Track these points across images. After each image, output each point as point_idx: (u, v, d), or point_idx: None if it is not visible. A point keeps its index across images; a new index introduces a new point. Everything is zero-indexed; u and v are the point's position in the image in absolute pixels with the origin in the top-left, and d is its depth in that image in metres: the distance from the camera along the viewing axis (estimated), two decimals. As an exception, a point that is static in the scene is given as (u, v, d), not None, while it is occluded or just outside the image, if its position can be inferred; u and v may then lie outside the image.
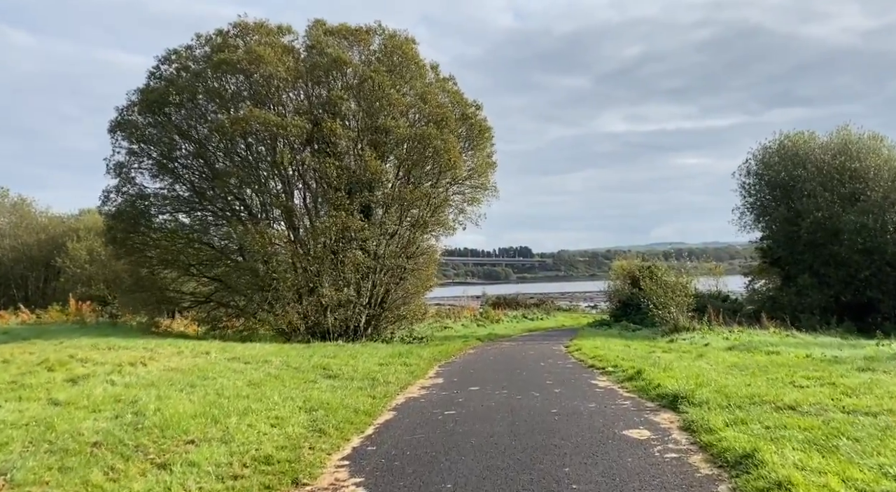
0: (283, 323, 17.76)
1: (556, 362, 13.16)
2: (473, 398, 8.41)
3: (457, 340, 23.83)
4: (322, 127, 18.28)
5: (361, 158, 18.74)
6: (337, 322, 19.10)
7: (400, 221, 21.36)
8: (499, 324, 39.35)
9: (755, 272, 34.94)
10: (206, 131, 18.56)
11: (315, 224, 18.14)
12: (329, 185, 18.38)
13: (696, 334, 20.32)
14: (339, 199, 18.28)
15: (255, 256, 17.47)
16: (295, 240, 18.91)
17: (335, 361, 11.95)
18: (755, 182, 31.22)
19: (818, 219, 26.42)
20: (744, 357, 12.52)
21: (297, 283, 18.14)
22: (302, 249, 18.41)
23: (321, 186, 18.83)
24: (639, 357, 12.62)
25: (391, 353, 14.74)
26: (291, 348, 15.15)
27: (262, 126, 17.87)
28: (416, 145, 20.41)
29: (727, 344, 16.63)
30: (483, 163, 23.40)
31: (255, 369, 10.07)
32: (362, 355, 13.56)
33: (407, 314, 21.69)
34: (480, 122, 22.31)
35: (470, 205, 24.53)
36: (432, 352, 16.22)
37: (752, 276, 36.19)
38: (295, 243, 19.04)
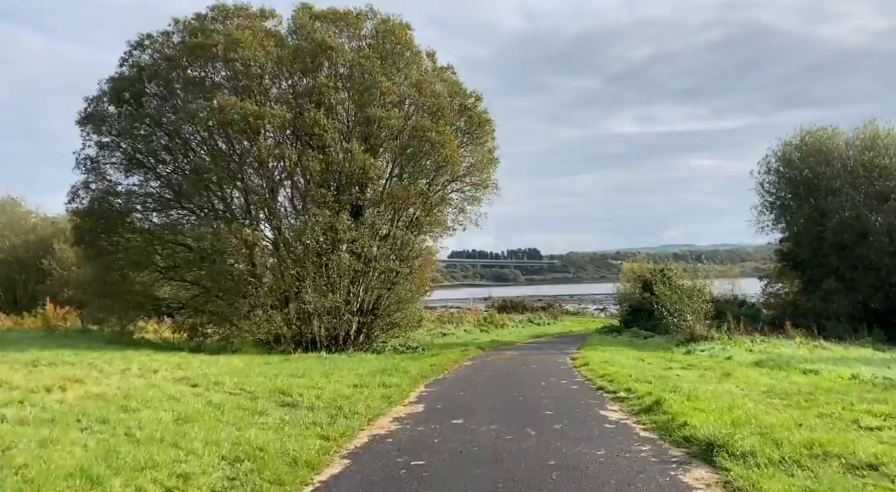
0: (261, 332, 16.16)
1: (560, 382, 11.46)
2: (453, 438, 6.75)
3: (455, 348, 22.16)
4: (306, 118, 16.69)
5: (349, 152, 17.13)
6: (324, 331, 17.50)
7: (393, 222, 19.75)
8: (503, 329, 37.64)
9: (773, 275, 33.01)
10: (181, 123, 16.98)
11: (296, 224, 16.53)
12: (313, 181, 16.77)
13: (715, 345, 18.55)
14: (323, 196, 16.68)
15: (229, 258, 15.87)
16: (277, 241, 17.32)
17: (302, 381, 10.31)
18: (775, 180, 29.36)
19: (845, 219, 24.55)
20: (778, 377, 10.78)
21: (277, 288, 16.55)
22: (285, 252, 16.83)
23: (305, 182, 17.22)
24: (655, 377, 10.91)
25: (374, 368, 13.09)
26: (263, 363, 13.55)
27: (241, 117, 16.29)
28: (409, 139, 18.80)
29: (753, 358, 14.87)
30: (483, 158, 21.73)
31: (198, 394, 8.46)
32: (339, 373, 11.92)
33: (400, 322, 20.05)
34: (480, 113, 20.65)
35: (470, 204, 22.92)
36: (422, 366, 14.56)
37: (768, 279, 34.30)
38: (277, 245, 17.45)
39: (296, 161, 16.78)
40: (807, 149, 27.38)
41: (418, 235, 20.64)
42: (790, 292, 31.28)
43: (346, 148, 17.36)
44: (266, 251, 16.32)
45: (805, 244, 26.67)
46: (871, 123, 26.83)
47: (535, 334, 34.15)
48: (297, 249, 16.43)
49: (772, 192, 29.80)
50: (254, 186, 17.81)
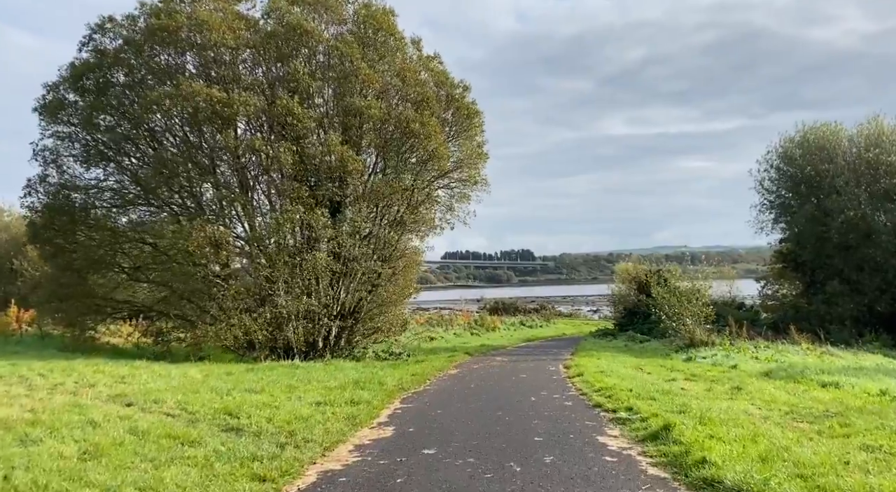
0: (228, 338, 14.87)
1: (552, 397, 10.24)
2: (420, 478, 5.52)
3: (442, 354, 20.92)
4: (278, 106, 15.42)
5: (326, 144, 15.87)
6: (298, 336, 16.22)
7: (376, 220, 18.49)
8: (494, 332, 36.42)
9: (772, 277, 31.96)
10: (144, 112, 15.65)
11: (267, 221, 15.25)
12: (286, 174, 15.50)
13: (717, 352, 17.41)
14: (297, 191, 15.40)
15: (193, 258, 14.56)
16: (247, 240, 16.03)
17: (258, 398, 9.06)
18: (776, 178, 28.30)
19: (850, 218, 23.48)
20: (795, 392, 9.60)
21: (246, 290, 15.26)
22: (256, 251, 15.54)
23: (277, 175, 15.94)
24: (658, 391, 9.71)
25: (347, 380, 11.84)
26: (224, 374, 12.27)
27: (208, 105, 15.00)
28: (392, 131, 17.56)
29: (760, 367, 13.71)
30: (472, 153, 20.52)
31: (125, 417, 7.18)
32: (305, 386, 10.67)
33: (382, 326, 18.78)
34: (468, 105, 19.43)
35: (458, 201, 21.70)
36: (402, 376, 13.33)
37: (765, 281, 33.28)
38: (249, 244, 16.16)
39: (268, 153, 15.48)
40: (809, 145, 26.33)
41: (403, 235, 19.39)
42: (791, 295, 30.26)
43: (322, 140, 16.10)
44: (234, 250, 15.00)
45: (807, 245, 25.60)
46: (876, 119, 25.81)
47: (527, 338, 32.93)
48: (268, 249, 15.13)
49: (772, 190, 28.75)
50: (225, 181, 16.51)
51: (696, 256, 69.63)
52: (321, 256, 15.54)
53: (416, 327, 34.14)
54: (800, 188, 26.29)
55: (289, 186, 15.39)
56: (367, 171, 18.30)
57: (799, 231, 26.63)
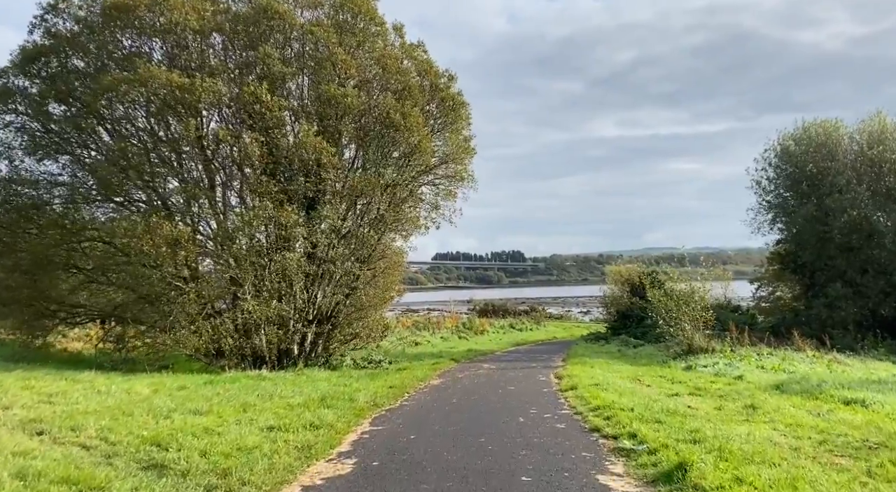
0: (188, 346, 13.57)
1: (542, 417, 9.03)
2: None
3: (426, 361, 19.71)
4: (245, 93, 14.13)
5: (298, 135, 14.60)
6: (266, 344, 14.94)
7: (354, 218, 17.25)
8: (483, 336, 35.21)
9: (769, 279, 30.99)
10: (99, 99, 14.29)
11: (234, 218, 13.95)
12: (253, 168, 14.22)
13: (718, 359, 16.29)
14: (265, 185, 14.12)
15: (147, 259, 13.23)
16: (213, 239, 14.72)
17: (202, 421, 7.79)
18: (774, 177, 27.31)
19: (852, 218, 22.49)
20: (819, 411, 8.45)
21: (209, 294, 13.96)
22: (221, 251, 14.24)
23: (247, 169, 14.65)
24: (663, 411, 8.53)
25: (313, 395, 10.60)
26: (177, 388, 10.99)
27: (168, 91, 13.69)
28: (371, 122, 16.33)
29: (769, 378, 12.58)
30: (458, 148, 19.31)
31: (23, 453, 5.89)
32: (262, 405, 9.41)
33: (361, 332, 17.52)
34: (454, 95, 18.22)
35: (444, 199, 20.50)
36: (378, 388, 12.09)
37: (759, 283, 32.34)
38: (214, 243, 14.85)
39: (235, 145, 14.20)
40: (810, 142, 25.34)
41: (384, 234, 18.13)
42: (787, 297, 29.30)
43: (295, 130, 14.83)
44: (195, 250, 13.66)
45: (807, 246, 24.60)
46: (878, 115, 24.85)
47: (517, 342, 31.76)
48: (232, 248, 13.83)
49: (769, 190, 27.77)
50: (190, 175, 15.19)
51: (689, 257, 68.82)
52: (292, 257, 14.27)
53: (402, 331, 32.89)
54: (800, 187, 25.29)
55: (257, 181, 14.10)
56: (345, 165, 17.07)
57: (798, 232, 25.63)
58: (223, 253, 13.85)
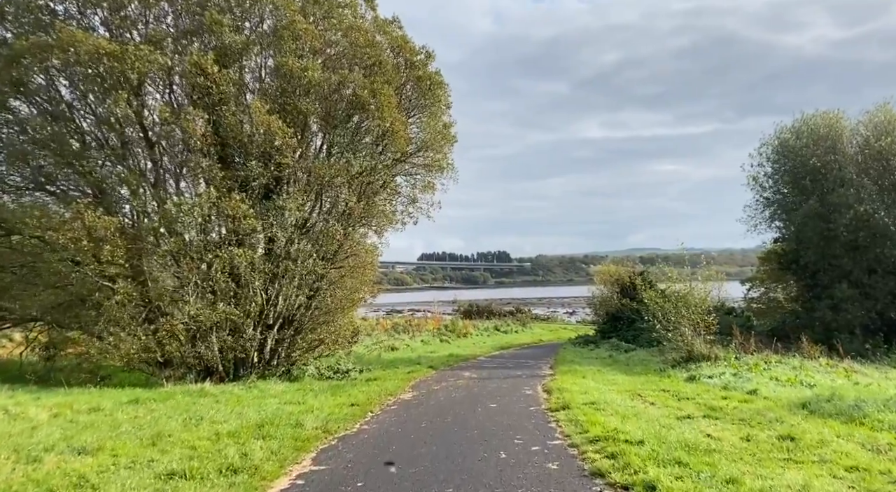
0: (114, 356, 11.61)
1: (529, 449, 7.23)
2: None
3: (401, 368, 17.89)
4: (187, 63, 12.19)
5: (250, 112, 12.69)
6: (213, 352, 13.01)
7: (320, 210, 15.38)
8: (466, 339, 33.41)
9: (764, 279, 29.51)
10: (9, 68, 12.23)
11: (170, 206, 11.98)
12: (193, 149, 12.28)
13: (724, 369, 14.62)
14: (207, 169, 12.19)
15: (67, 254, 11.24)
16: (147, 232, 12.73)
17: (80, 465, 5.91)
18: (772, 172, 25.82)
19: (859, 215, 21.01)
20: (876, 445, 6.74)
21: (139, 295, 11.99)
22: (156, 245, 12.28)
23: (185, 151, 12.70)
24: (680, 443, 6.79)
25: (251, 420, 8.73)
26: (90, 410, 9.05)
27: (91, 58, 11.71)
28: (336, 100, 14.46)
29: (790, 394, 10.88)
30: (437, 134, 17.49)
31: None
32: (181, 434, 7.53)
33: (326, 338, 15.62)
34: (431, 75, 16.39)
35: (422, 192, 18.66)
36: (335, 407, 10.26)
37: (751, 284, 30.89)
38: (153, 236, 12.87)
39: (172, 122, 12.24)
40: (812, 135, 23.86)
41: (354, 229, 16.25)
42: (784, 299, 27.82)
43: (246, 107, 12.91)
44: (123, 244, 11.66)
45: (810, 244, 23.07)
46: (884, 106, 23.40)
47: (501, 345, 30.00)
48: (169, 243, 11.88)
49: (767, 186, 26.29)
50: (132, 159, 13.18)
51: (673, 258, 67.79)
52: (240, 253, 12.34)
53: (380, 335, 31.00)
54: (801, 182, 23.80)
55: (196, 164, 12.17)
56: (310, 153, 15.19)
57: (799, 230, 24.11)
58: (156, 248, 11.88)
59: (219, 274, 12.29)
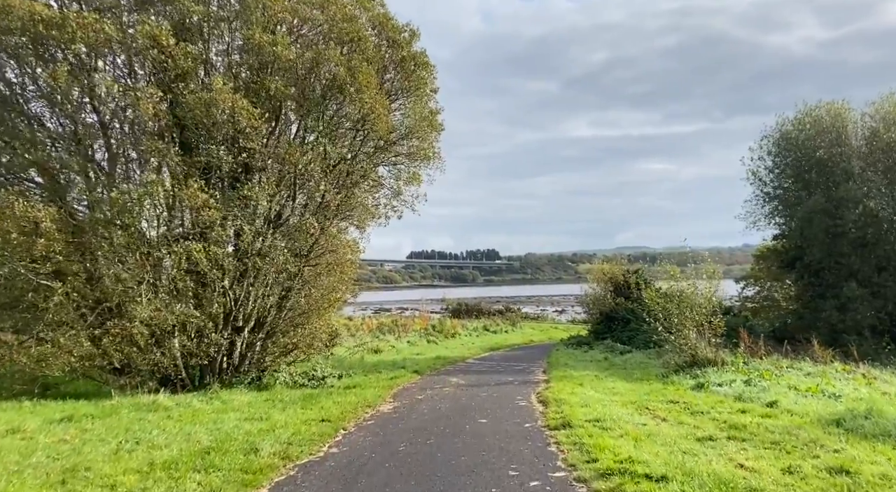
0: (49, 364, 10.20)
1: (527, 485, 5.95)
2: None
3: (384, 373, 16.57)
4: (138, 34, 10.77)
5: (211, 91, 11.27)
6: (168, 359, 11.61)
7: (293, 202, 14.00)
8: (454, 339, 32.13)
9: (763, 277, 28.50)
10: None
11: (116, 195, 10.54)
12: (146, 131, 10.87)
13: (733, 375, 13.44)
14: (162, 153, 10.78)
15: None
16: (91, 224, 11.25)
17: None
18: (773, 165, 24.77)
19: (868, 210, 19.96)
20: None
21: (82, 296, 10.57)
22: (97, 241, 10.83)
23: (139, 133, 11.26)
24: (712, 479, 5.54)
25: (196, 445, 7.38)
26: (14, 429, 7.65)
27: (25, 23, 10.26)
28: (310, 80, 13.09)
29: (817, 407, 9.68)
30: (422, 120, 16.14)
31: None
32: (105, 465, 6.18)
33: (300, 342, 14.26)
34: (416, 55, 15.05)
35: (408, 184, 17.32)
36: (302, 423, 8.94)
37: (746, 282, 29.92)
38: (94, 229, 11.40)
39: (123, 100, 10.82)
40: (814, 127, 22.80)
41: (332, 223, 14.88)
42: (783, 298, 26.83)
43: (207, 85, 11.50)
44: (62, 237, 10.21)
45: (815, 241, 22.01)
46: (891, 96, 22.40)
47: (491, 346, 28.76)
48: (116, 236, 10.45)
49: (767, 181, 25.24)
50: (64, 139, 11.69)
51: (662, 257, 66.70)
52: (198, 249, 10.94)
53: (364, 336, 29.62)
54: (805, 176, 22.75)
55: (148, 147, 10.74)
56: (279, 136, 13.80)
57: (803, 226, 23.05)
58: (103, 242, 10.45)
59: (174, 272, 10.89)
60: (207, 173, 12.33)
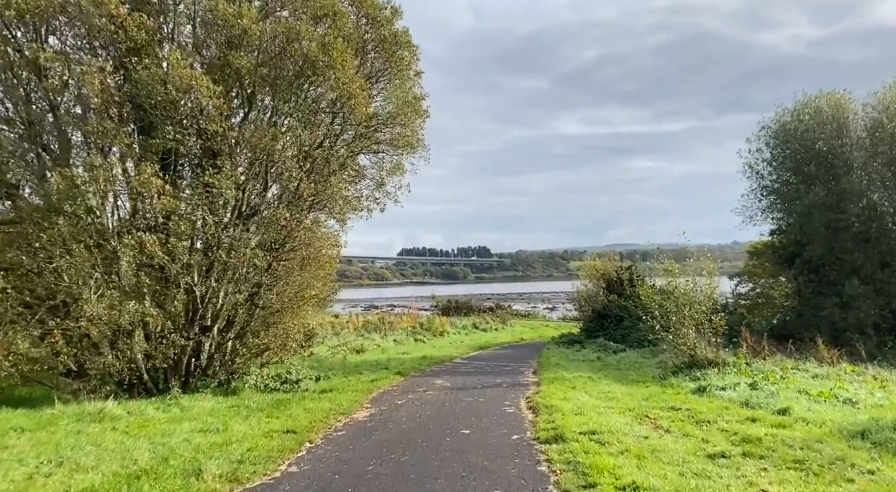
0: None
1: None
2: None
3: (365, 375, 15.58)
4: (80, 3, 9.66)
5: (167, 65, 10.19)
6: (122, 362, 10.54)
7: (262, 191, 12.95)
8: (442, 338, 31.18)
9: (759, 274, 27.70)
10: None
11: (55, 180, 9.45)
12: (94, 109, 9.77)
13: (736, 377, 12.53)
14: (109, 133, 9.68)
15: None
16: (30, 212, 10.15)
17: None
18: (771, 158, 23.92)
19: (873, 203, 19.15)
20: None
21: (17, 292, 9.48)
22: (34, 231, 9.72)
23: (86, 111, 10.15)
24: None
25: (133, 466, 6.36)
26: None
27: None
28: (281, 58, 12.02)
29: (835, 415, 8.77)
30: (405, 106, 15.11)
31: None
32: None
33: (271, 343, 13.20)
34: (398, 33, 14.00)
35: (391, 175, 16.32)
36: (263, 434, 7.92)
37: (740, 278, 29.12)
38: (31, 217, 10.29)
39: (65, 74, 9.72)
40: (815, 117, 21.95)
41: (306, 214, 13.84)
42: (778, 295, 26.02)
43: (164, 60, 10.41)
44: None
45: (815, 236, 21.16)
46: (894, 85, 21.59)
47: (480, 345, 27.79)
48: (58, 226, 9.35)
49: (764, 174, 24.39)
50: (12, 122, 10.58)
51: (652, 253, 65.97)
52: (152, 240, 9.86)
53: (348, 334, 28.57)
54: (805, 169, 21.89)
55: (97, 128, 9.65)
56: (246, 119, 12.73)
57: (802, 220, 22.20)
58: (42, 233, 9.36)
59: (125, 266, 9.81)
60: (167, 158, 11.27)
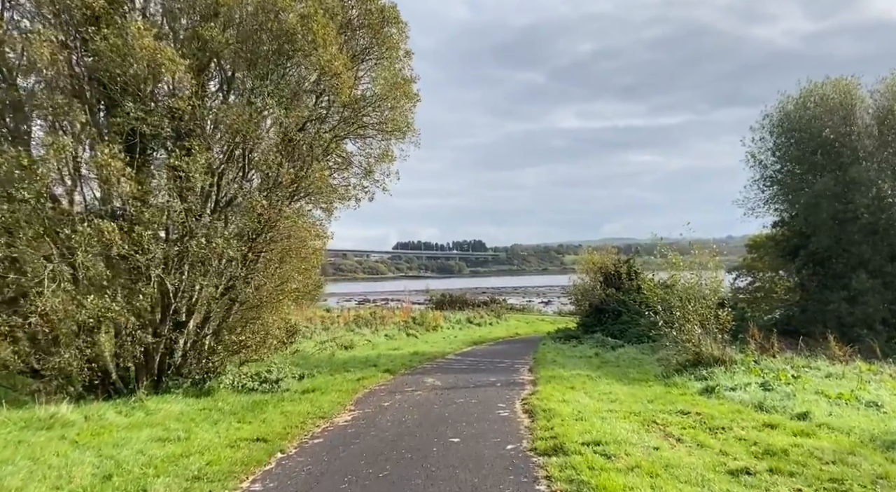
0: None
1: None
2: None
3: (352, 373, 14.75)
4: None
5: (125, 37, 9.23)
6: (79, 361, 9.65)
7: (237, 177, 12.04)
8: (435, 333, 30.29)
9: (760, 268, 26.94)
10: None
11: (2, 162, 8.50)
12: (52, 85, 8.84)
13: (746, 376, 11.74)
14: (60, 109, 8.74)
15: None
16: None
17: None
18: (775, 147, 23.11)
19: (883, 192, 18.36)
20: None
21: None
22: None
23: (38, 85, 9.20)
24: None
25: (80, 482, 5.47)
26: None
27: None
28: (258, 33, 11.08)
29: (861, 421, 7.98)
30: (394, 87, 14.18)
31: None
32: None
33: (250, 341, 12.31)
34: (385, 8, 13.06)
35: (379, 162, 15.40)
36: (228, 444, 7.08)
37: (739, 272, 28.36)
38: None
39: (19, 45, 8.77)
40: (820, 106, 21.14)
41: (288, 203, 12.92)
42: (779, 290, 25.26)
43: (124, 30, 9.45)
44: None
45: (822, 228, 20.38)
46: (904, 71, 20.80)
47: (474, 340, 26.94)
48: (3, 213, 8.41)
49: (768, 164, 23.60)
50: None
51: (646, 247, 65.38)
52: (111, 228, 8.94)
53: (337, 329, 27.68)
54: (811, 158, 21.10)
55: (45, 103, 8.71)
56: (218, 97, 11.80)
57: (807, 211, 21.42)
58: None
59: (80, 256, 8.89)
60: (133, 140, 10.34)
